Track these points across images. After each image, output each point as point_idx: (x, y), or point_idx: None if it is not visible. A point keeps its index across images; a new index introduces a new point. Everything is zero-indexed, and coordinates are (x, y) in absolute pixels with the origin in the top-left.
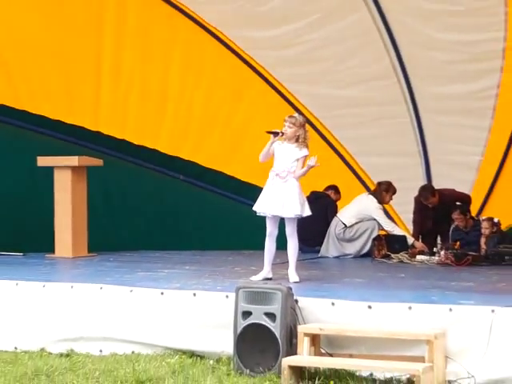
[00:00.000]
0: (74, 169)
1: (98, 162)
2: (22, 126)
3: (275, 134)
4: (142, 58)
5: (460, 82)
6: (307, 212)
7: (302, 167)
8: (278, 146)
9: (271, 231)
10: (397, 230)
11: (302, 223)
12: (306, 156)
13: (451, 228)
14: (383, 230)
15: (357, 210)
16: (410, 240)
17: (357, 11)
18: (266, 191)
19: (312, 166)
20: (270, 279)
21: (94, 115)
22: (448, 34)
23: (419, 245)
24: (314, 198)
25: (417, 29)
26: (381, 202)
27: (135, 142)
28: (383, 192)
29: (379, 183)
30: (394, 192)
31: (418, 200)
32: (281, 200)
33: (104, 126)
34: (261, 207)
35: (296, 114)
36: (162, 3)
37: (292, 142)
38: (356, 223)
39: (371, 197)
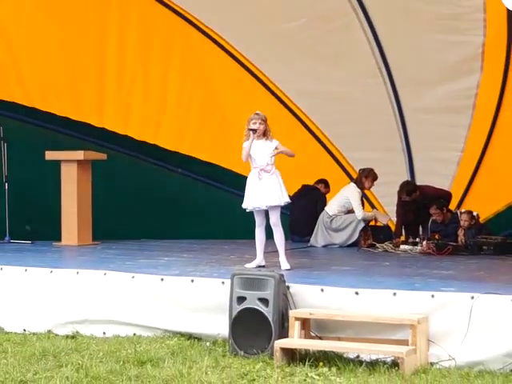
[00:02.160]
0: (79, 162)
1: (102, 156)
2: (32, 123)
3: (254, 131)
4: (142, 58)
5: (442, 83)
6: (288, 199)
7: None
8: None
9: (261, 222)
10: (363, 215)
11: (294, 215)
12: (279, 143)
13: (430, 221)
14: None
15: (339, 199)
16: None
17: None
18: (253, 187)
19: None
20: (263, 267)
21: (99, 113)
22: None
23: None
24: (305, 191)
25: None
26: (361, 187)
27: (137, 138)
28: (363, 178)
29: (360, 170)
30: (375, 178)
31: (400, 194)
32: (270, 191)
33: (108, 123)
34: (253, 202)
35: (258, 111)
36: (160, 6)
37: (260, 138)
38: (341, 213)
39: (352, 184)
